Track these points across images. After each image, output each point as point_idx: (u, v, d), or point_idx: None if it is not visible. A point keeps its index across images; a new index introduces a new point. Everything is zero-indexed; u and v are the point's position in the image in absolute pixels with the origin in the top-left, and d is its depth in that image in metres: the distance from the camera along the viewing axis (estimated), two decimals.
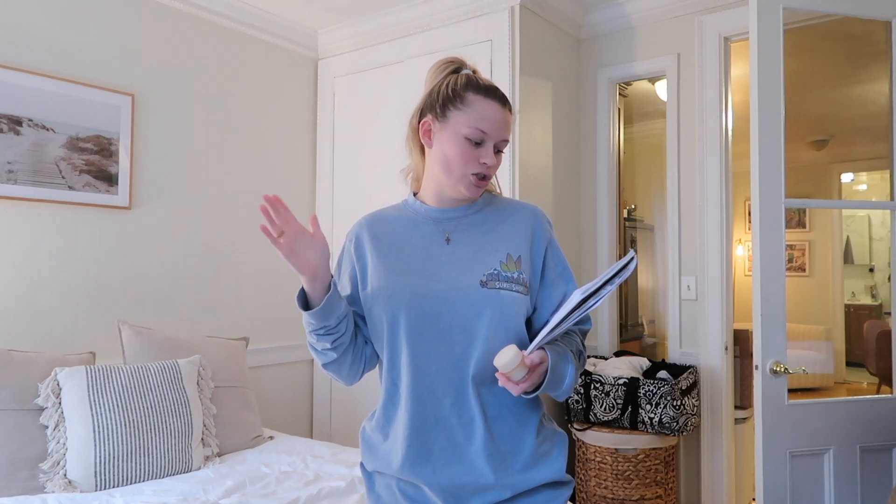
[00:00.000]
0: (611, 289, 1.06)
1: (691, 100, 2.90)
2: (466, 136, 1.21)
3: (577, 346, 1.27)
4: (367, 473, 1.32)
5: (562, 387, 1.18)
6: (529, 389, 1.13)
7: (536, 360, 1.12)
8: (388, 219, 1.35)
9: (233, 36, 3.08)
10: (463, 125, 1.22)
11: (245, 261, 3.12)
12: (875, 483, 2.14)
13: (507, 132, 1.25)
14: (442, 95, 1.26)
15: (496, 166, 1.26)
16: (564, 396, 1.21)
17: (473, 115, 1.22)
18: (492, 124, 1.22)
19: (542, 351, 1.14)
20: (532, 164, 2.83)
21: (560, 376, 1.17)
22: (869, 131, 5.53)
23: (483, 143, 1.23)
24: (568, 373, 1.18)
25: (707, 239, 2.84)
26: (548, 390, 1.16)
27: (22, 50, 2.37)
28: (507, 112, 1.26)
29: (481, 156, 1.22)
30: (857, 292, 8.12)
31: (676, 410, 2.57)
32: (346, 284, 1.32)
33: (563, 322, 1.09)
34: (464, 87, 1.24)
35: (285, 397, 3.29)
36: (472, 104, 1.23)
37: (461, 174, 1.23)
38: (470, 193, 1.26)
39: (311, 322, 1.18)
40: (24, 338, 2.35)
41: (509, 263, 1.23)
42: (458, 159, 1.22)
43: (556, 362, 1.16)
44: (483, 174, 1.24)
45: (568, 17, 3.07)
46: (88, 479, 2.01)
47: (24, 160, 2.35)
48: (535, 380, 1.12)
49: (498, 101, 1.24)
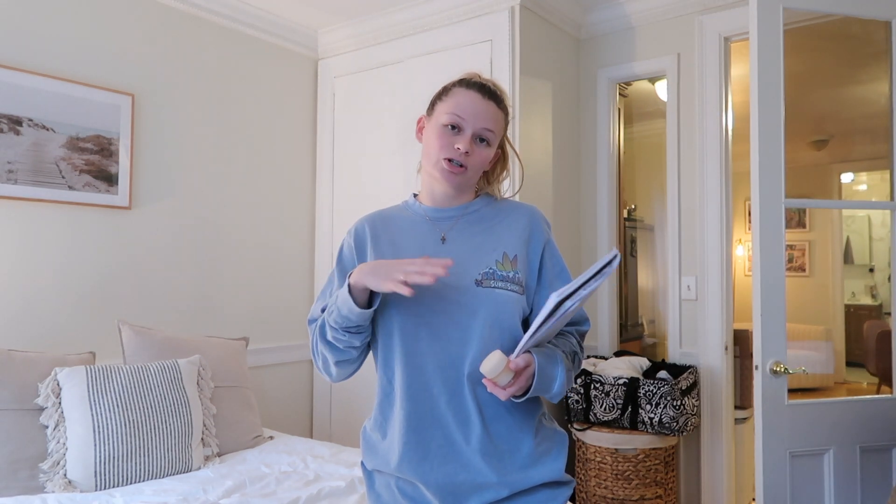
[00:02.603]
0: (593, 287, 1.05)
1: (691, 100, 2.90)
2: (443, 123, 1.25)
3: (571, 347, 1.26)
4: (368, 472, 1.33)
5: (552, 389, 1.17)
6: (518, 393, 1.13)
7: (522, 364, 1.11)
8: (387, 218, 1.35)
9: (233, 36, 3.08)
10: (442, 113, 1.27)
11: (245, 261, 3.12)
12: (875, 483, 2.14)
13: (488, 122, 1.26)
14: (434, 95, 1.32)
15: (479, 158, 1.26)
16: (558, 398, 1.20)
17: (451, 103, 1.26)
18: (467, 110, 1.25)
19: (528, 354, 1.13)
20: (532, 164, 2.83)
21: (549, 379, 1.16)
22: (869, 131, 5.53)
23: (461, 129, 1.25)
24: (557, 375, 1.17)
25: (707, 239, 2.84)
26: (538, 393, 1.16)
27: (22, 50, 2.37)
28: (492, 104, 1.27)
29: (456, 142, 1.24)
30: (857, 292, 8.12)
31: (676, 410, 2.57)
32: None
33: (543, 325, 1.08)
34: (453, 84, 1.30)
35: (285, 397, 3.29)
36: (453, 94, 1.28)
37: (436, 159, 1.26)
38: (446, 180, 1.26)
39: (354, 320, 1.17)
40: (24, 338, 2.35)
41: (505, 263, 1.24)
42: (435, 143, 1.26)
43: (544, 365, 1.15)
44: (458, 161, 1.24)
45: (568, 17, 3.07)
46: (88, 479, 2.01)
47: (24, 160, 2.35)
48: (523, 383, 1.12)
49: (478, 92, 1.27)
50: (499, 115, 1.28)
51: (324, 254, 3.39)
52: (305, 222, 3.43)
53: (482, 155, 1.27)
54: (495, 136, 1.28)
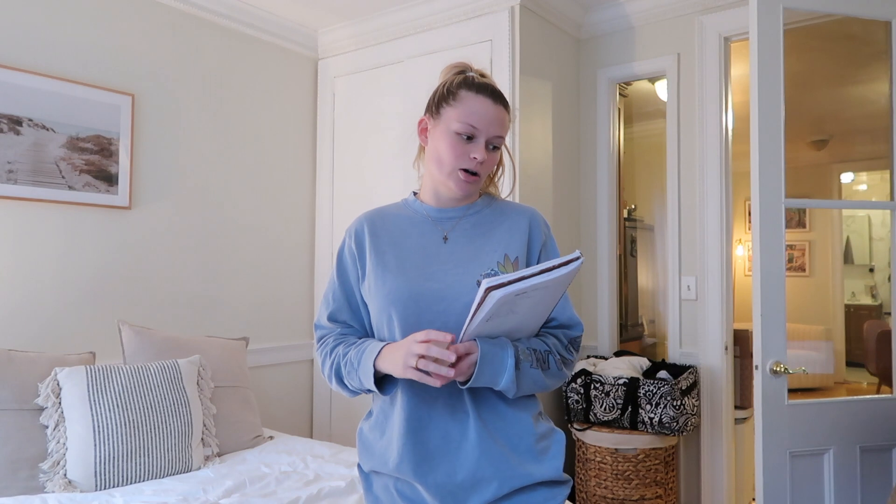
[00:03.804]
0: (538, 282, 1.01)
1: (691, 100, 2.90)
2: (457, 132, 1.23)
3: (544, 347, 1.22)
4: (365, 474, 1.32)
5: (499, 382, 1.14)
6: (459, 379, 1.12)
7: (462, 350, 1.10)
8: (387, 216, 1.35)
9: (233, 36, 3.08)
10: (454, 120, 1.23)
11: (245, 261, 3.12)
12: (875, 483, 2.14)
13: (500, 129, 1.25)
14: (438, 95, 1.29)
15: (490, 164, 1.26)
16: (511, 394, 1.16)
17: (464, 111, 1.23)
18: (482, 119, 1.23)
19: (472, 342, 1.12)
20: (532, 164, 2.83)
21: (495, 369, 1.13)
22: (869, 131, 5.53)
23: (474, 138, 1.23)
24: (506, 368, 1.13)
25: (707, 239, 2.84)
26: (482, 383, 1.13)
27: (22, 50, 2.37)
28: (502, 109, 1.26)
29: (471, 151, 1.23)
30: (857, 292, 8.12)
31: (676, 410, 2.57)
32: (348, 281, 1.33)
33: (477, 315, 1.06)
34: (458, 86, 1.27)
35: (285, 397, 3.29)
36: (463, 100, 1.24)
37: (451, 169, 1.24)
38: (459, 190, 1.26)
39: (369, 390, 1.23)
40: (24, 338, 2.35)
41: (507, 264, 1.24)
42: (449, 154, 1.23)
43: (491, 354, 1.12)
44: (473, 170, 1.24)
45: (568, 17, 3.07)
46: (88, 479, 2.01)
47: (24, 160, 2.35)
48: (465, 370, 1.10)
49: (490, 97, 1.25)
50: (507, 118, 1.28)
51: (324, 253, 3.40)
52: (305, 222, 3.43)
53: (494, 159, 1.27)
54: (503, 140, 1.28)
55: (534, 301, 1.08)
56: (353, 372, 1.22)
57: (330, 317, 1.33)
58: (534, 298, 1.07)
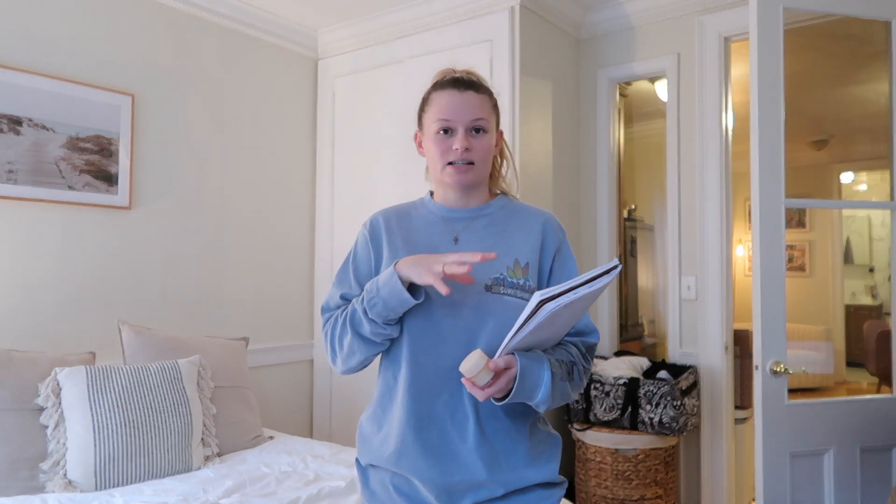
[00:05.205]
0: (584, 293, 1.01)
1: (691, 100, 2.90)
2: (435, 131, 1.27)
3: (569, 358, 1.21)
4: (362, 468, 1.33)
5: (536, 396, 1.13)
6: (498, 395, 1.11)
7: (502, 364, 1.08)
8: (402, 214, 1.35)
9: (233, 36, 3.08)
10: (431, 122, 1.28)
11: (245, 260, 3.12)
12: (875, 483, 2.14)
13: (474, 111, 1.26)
14: (418, 107, 1.34)
15: (481, 148, 1.27)
16: (544, 407, 1.15)
17: (435, 109, 1.27)
18: (451, 110, 1.25)
19: (510, 356, 1.10)
20: (532, 164, 2.83)
21: (533, 383, 1.11)
22: (869, 131, 5.52)
23: (452, 131, 1.26)
24: (543, 382, 1.12)
25: (707, 239, 2.84)
26: (520, 398, 1.12)
27: (22, 50, 2.37)
28: (471, 93, 1.27)
29: (452, 143, 1.25)
30: (857, 292, 8.11)
31: (676, 410, 2.57)
32: (360, 269, 1.32)
33: (525, 326, 1.04)
34: (428, 92, 1.31)
35: (285, 397, 3.29)
36: (433, 101, 1.29)
37: (441, 166, 1.27)
38: (455, 182, 1.27)
39: (400, 312, 1.18)
40: (24, 338, 2.35)
41: (516, 269, 1.23)
42: (435, 152, 1.27)
43: (529, 368, 1.11)
44: (461, 160, 1.25)
45: (568, 17, 3.07)
46: (88, 479, 2.01)
47: (24, 160, 2.35)
48: (503, 385, 1.09)
49: (454, 87, 1.27)
50: (482, 100, 1.28)
51: (323, 253, 3.39)
52: (305, 222, 3.43)
53: (483, 143, 1.27)
54: (487, 121, 1.28)
55: (572, 311, 1.07)
56: (374, 296, 1.17)
57: (343, 296, 1.31)
58: (572, 308, 1.06)
